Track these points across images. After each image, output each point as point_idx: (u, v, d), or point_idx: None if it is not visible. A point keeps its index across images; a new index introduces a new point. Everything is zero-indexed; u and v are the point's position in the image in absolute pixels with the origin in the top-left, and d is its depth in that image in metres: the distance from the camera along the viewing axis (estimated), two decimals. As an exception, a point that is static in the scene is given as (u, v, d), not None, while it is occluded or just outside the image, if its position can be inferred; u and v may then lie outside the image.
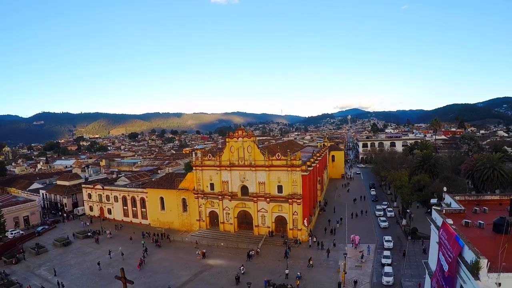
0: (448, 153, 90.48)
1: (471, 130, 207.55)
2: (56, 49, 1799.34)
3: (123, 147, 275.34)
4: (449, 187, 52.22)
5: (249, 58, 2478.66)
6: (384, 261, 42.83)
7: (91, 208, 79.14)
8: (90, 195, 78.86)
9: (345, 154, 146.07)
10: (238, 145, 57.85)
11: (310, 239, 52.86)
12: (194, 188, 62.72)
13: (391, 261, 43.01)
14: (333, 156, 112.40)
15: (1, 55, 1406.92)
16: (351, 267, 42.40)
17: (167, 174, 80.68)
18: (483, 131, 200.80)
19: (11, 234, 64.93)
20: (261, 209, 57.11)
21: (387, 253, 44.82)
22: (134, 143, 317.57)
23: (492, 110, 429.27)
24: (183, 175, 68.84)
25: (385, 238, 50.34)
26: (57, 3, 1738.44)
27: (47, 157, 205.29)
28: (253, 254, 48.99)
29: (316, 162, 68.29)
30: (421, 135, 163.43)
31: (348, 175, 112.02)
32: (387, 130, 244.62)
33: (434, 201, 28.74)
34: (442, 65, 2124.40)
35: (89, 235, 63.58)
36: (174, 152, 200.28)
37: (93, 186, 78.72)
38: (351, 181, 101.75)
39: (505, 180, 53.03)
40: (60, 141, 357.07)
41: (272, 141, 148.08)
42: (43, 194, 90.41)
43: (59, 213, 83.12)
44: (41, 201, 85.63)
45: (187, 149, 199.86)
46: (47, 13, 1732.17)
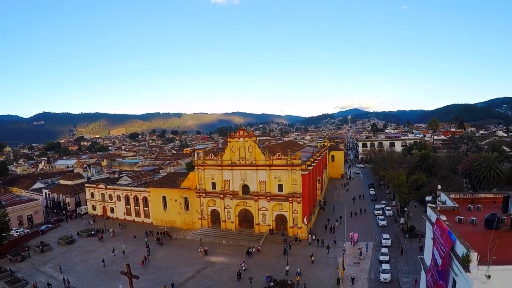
0: (446, 153, 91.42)
1: (470, 130, 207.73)
2: (56, 49, 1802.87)
3: (123, 147, 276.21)
4: (446, 186, 53.16)
5: (249, 58, 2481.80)
6: (382, 258, 43.78)
7: (94, 207, 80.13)
8: (93, 194, 79.87)
9: (345, 154, 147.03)
10: (239, 145, 58.83)
11: (309, 237, 53.92)
12: (196, 187, 63.70)
13: (389, 258, 43.93)
14: (333, 156, 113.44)
15: (1, 55, 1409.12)
16: (349, 264, 43.41)
17: (169, 173, 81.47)
18: (482, 131, 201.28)
19: (17, 232, 66.04)
20: (262, 207, 58.12)
21: (385, 251, 45.79)
22: (134, 143, 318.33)
23: (492, 110, 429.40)
24: (185, 175, 69.75)
25: (383, 236, 51.35)
26: (58, 3, 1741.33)
27: (49, 157, 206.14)
28: (253, 251, 49.95)
29: (315, 161, 69.32)
30: (421, 135, 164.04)
31: (347, 174, 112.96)
32: (387, 130, 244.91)
33: (429, 198, 29.63)
34: (442, 65, 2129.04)
35: (92, 233, 64.59)
36: (175, 152, 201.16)
37: (96, 185, 79.70)
38: (350, 181, 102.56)
39: (501, 179, 53.67)
40: (60, 141, 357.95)
41: (272, 141, 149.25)
42: (46, 193, 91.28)
43: (62, 212, 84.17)
44: (44, 201, 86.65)
45: (188, 149, 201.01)
46: (47, 13, 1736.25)
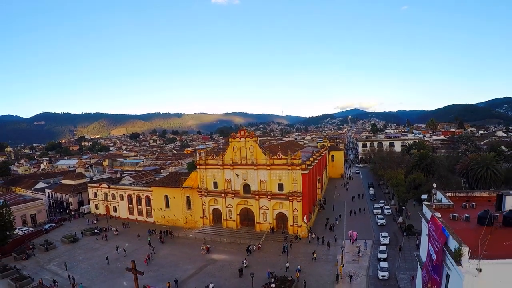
0: (445, 153, 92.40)
1: (470, 130, 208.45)
2: (56, 50, 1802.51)
3: (124, 147, 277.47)
4: (444, 185, 54.18)
5: (250, 58, 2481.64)
6: (380, 255, 44.71)
7: (97, 206, 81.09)
8: (96, 194, 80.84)
9: (345, 154, 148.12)
10: (240, 145, 59.81)
11: (309, 235, 54.93)
12: (198, 186, 64.67)
13: (387, 255, 44.88)
14: (333, 156, 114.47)
15: (1, 56, 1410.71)
16: (348, 261, 44.39)
17: (171, 173, 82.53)
18: (482, 132, 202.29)
19: (22, 231, 67.06)
20: (263, 206, 59.11)
21: (383, 248, 46.73)
22: (135, 143, 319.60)
23: (492, 110, 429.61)
24: (187, 174, 70.80)
25: (381, 234, 52.27)
26: (58, 3, 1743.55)
27: (50, 157, 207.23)
28: (253, 249, 50.95)
29: (315, 161, 70.33)
30: (420, 136, 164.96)
31: (347, 174, 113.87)
32: (387, 130, 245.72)
33: (424, 196, 30.53)
34: (442, 65, 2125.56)
35: (96, 232, 65.57)
36: (175, 152, 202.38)
37: (99, 185, 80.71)
38: (350, 181, 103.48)
39: (498, 178, 54.35)
40: (61, 141, 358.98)
41: (273, 141, 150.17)
42: (48, 193, 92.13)
43: (66, 212, 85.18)
44: (47, 200, 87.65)
45: (189, 149, 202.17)
46: (48, 13, 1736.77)
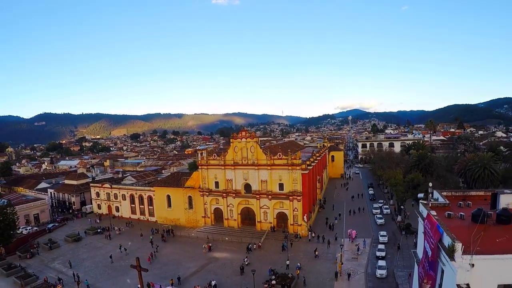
0: (444, 153, 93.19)
1: (470, 130, 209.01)
2: (57, 50, 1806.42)
3: (125, 147, 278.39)
4: (442, 185, 54.97)
5: (250, 59, 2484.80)
6: (378, 254, 45.56)
7: (99, 206, 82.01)
8: (98, 194, 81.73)
9: (345, 154, 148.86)
10: (241, 145, 60.66)
11: (309, 234, 55.79)
12: (199, 186, 65.54)
13: (385, 254, 45.74)
14: (333, 156, 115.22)
15: (2, 56, 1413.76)
16: (347, 259, 45.22)
17: (173, 173, 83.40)
18: (481, 132, 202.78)
19: (25, 230, 68.02)
20: (263, 205, 59.99)
21: (381, 247, 47.60)
22: (136, 143, 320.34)
23: (493, 110, 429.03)
24: (188, 174, 71.69)
25: (380, 233, 53.02)
26: (58, 4, 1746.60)
27: (52, 158, 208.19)
28: (253, 247, 51.79)
29: (315, 161, 71.18)
30: (420, 136, 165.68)
31: (347, 174, 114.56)
32: (387, 130, 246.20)
33: (421, 195, 31.32)
34: (443, 65, 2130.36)
35: (99, 231, 66.48)
36: (176, 152, 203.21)
37: (101, 185, 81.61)
38: (350, 181, 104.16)
39: (495, 178, 55.03)
40: (62, 142, 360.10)
41: (273, 141, 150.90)
42: (51, 193, 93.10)
43: (69, 211, 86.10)
44: (49, 200, 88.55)
45: (190, 149, 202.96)
46: (48, 14, 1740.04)
